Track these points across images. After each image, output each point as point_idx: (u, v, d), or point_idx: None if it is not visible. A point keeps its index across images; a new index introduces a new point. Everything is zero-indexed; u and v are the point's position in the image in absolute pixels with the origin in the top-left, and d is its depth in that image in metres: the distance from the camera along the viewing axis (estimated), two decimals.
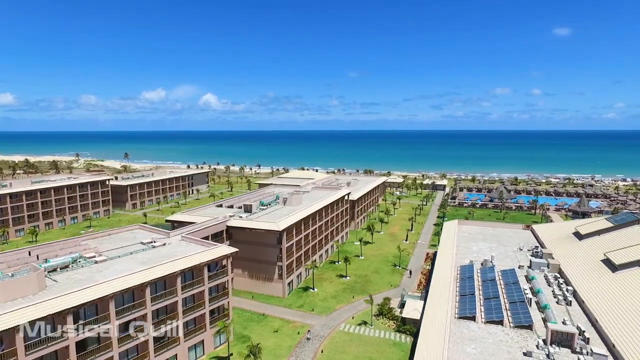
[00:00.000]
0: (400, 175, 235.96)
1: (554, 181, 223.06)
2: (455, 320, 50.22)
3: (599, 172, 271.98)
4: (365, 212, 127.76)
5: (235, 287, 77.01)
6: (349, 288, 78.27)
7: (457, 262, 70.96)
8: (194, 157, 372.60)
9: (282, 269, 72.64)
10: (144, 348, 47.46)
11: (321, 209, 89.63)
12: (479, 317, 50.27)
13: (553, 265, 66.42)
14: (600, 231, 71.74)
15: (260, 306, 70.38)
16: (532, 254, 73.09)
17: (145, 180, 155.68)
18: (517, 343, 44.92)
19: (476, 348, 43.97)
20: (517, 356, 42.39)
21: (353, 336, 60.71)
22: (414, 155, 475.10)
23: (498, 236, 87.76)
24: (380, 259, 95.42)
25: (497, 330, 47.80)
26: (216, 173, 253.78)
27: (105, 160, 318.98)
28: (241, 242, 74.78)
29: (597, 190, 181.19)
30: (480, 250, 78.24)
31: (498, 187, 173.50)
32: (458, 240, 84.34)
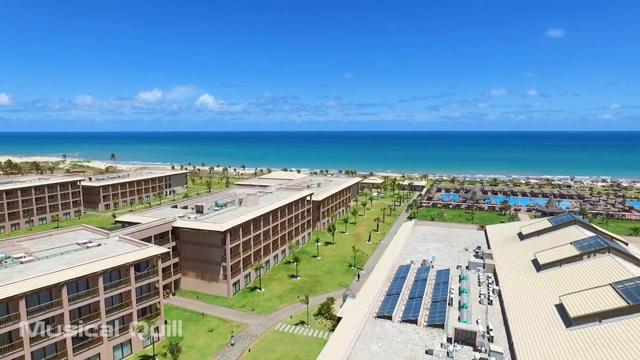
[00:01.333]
0: (381, 176, 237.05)
1: (533, 182, 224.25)
2: (373, 319, 51.07)
3: (585, 173, 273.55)
4: (334, 212, 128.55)
5: (182, 287, 77.92)
6: (296, 288, 79.07)
7: (399, 263, 71.86)
8: (183, 158, 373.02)
9: (226, 270, 73.44)
10: (62, 347, 48.23)
11: (275, 209, 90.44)
12: (396, 317, 51.13)
13: (488, 266, 67.34)
14: (539, 232, 72.72)
15: (202, 306, 71.15)
16: (474, 255, 74.08)
17: (120, 181, 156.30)
18: (424, 342, 45.79)
19: (382, 347, 44.83)
20: (419, 354, 43.27)
21: (286, 335, 61.52)
22: (407, 156, 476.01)
23: (450, 237, 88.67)
24: (337, 260, 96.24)
25: (410, 329, 48.66)
26: (200, 174, 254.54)
27: (92, 161, 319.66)
28: (187, 243, 75.81)
29: (571, 191, 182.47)
30: (426, 251, 79.10)
31: (472, 188, 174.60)
32: (409, 240, 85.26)
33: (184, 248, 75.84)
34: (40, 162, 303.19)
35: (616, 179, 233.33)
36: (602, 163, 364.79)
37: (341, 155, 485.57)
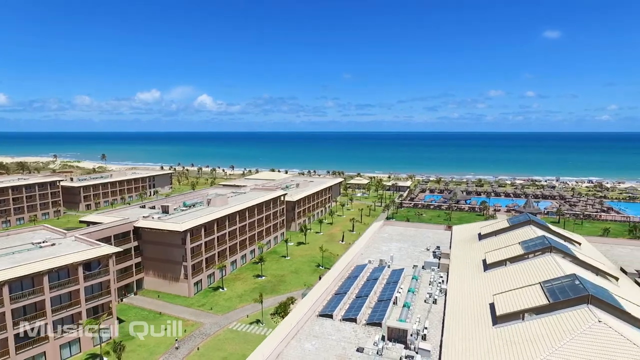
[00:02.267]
0: (368, 176, 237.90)
1: (518, 182, 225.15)
2: (314, 318, 51.75)
3: (574, 174, 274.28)
4: (309, 213, 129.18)
5: (145, 287, 78.58)
6: (259, 288, 79.72)
7: (357, 262, 72.57)
8: (176, 158, 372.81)
9: (187, 269, 74.13)
10: (4, 345, 48.86)
11: (243, 210, 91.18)
12: (337, 315, 51.85)
13: (443, 265, 68.03)
14: (497, 232, 73.42)
15: (162, 305, 71.81)
16: (432, 254, 74.81)
17: (101, 181, 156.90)
18: (359, 340, 46.50)
19: (315, 344, 45.52)
20: (350, 352, 44.00)
21: (239, 334, 62.24)
22: (402, 157, 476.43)
23: (416, 237, 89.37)
24: (306, 260, 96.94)
25: (349, 327, 49.36)
26: (188, 174, 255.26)
27: (82, 162, 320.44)
28: (150, 243, 76.50)
29: (554, 192, 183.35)
30: (388, 251, 79.75)
31: (454, 189, 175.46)
32: (373, 240, 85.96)
33: (146, 248, 76.51)
34: (30, 162, 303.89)
35: (601, 180, 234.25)
36: (592, 164, 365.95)
37: (337, 156, 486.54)
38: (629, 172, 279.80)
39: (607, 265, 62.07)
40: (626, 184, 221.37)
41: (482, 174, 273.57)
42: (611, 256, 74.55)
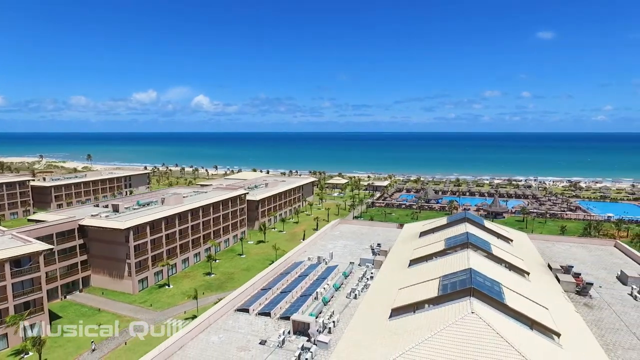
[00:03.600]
0: (349, 176, 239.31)
1: (496, 182, 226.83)
2: (231, 312, 53.08)
3: (558, 174, 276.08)
4: (273, 212, 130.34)
5: (92, 284, 79.75)
6: (205, 285, 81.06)
7: (296, 259, 73.88)
8: (167, 159, 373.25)
9: (131, 267, 75.35)
10: None
11: (196, 208, 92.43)
12: (254, 310, 53.16)
13: (377, 262, 69.29)
14: (435, 229, 74.66)
15: (104, 302, 73.00)
16: (372, 252, 76.17)
17: (74, 181, 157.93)
18: (267, 333, 47.77)
19: (222, 337, 46.73)
20: (253, 344, 45.28)
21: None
22: (393, 157, 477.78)
23: (366, 235, 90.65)
24: (261, 258, 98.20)
25: (261, 321, 50.61)
26: (172, 174, 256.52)
27: (67, 162, 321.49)
28: (96, 241, 77.69)
29: (527, 192, 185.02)
30: (333, 248, 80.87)
31: (427, 188, 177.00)
32: (321, 238, 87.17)
33: (92, 246, 77.71)
34: (16, 162, 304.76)
35: (580, 180, 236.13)
36: (579, 164, 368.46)
37: (329, 156, 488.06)
38: (613, 172, 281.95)
39: (530, 261, 63.46)
40: (604, 183, 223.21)
41: (467, 174, 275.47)
42: (549, 253, 76.10)
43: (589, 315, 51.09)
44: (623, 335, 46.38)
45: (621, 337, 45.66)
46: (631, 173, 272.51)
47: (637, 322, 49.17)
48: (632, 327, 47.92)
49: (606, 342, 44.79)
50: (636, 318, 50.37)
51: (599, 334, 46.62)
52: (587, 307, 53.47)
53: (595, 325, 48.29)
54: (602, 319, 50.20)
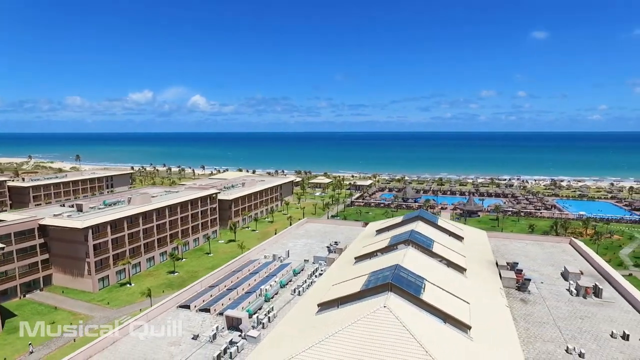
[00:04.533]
0: (334, 176, 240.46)
1: (479, 181, 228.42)
2: (174, 309, 54.20)
3: (543, 173, 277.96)
4: (246, 212, 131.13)
5: (54, 283, 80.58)
6: (166, 283, 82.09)
7: (253, 257, 75.00)
8: (159, 159, 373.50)
9: (90, 265, 76.27)
10: None
11: (162, 207, 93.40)
12: (195, 306, 54.28)
13: (329, 260, 70.41)
14: (389, 227, 75.72)
15: (63, 300, 73.84)
16: (327, 250, 77.35)
17: (53, 181, 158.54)
18: (202, 328, 48.88)
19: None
20: (185, 339, 46.37)
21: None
22: (385, 157, 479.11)
23: (330, 233, 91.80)
24: (228, 257, 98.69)
25: (200, 317, 51.71)
26: (158, 174, 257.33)
27: (55, 162, 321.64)
28: (57, 240, 78.52)
29: (506, 191, 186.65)
30: (293, 246, 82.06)
31: (405, 187, 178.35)
32: (284, 236, 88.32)
33: (53, 245, 78.56)
34: (4, 163, 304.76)
35: (562, 179, 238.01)
36: (565, 163, 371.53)
37: (322, 156, 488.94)
38: (600, 171, 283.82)
39: (476, 258, 64.69)
40: (586, 182, 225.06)
41: (453, 173, 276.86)
42: (504, 250, 77.52)
43: (521, 310, 52.41)
44: (547, 328, 47.71)
45: (544, 330, 46.97)
46: (617, 172, 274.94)
47: (565, 316, 50.54)
48: (558, 321, 49.24)
49: (528, 334, 46.10)
50: (565, 312, 51.75)
51: (525, 327, 47.95)
52: (523, 302, 54.80)
53: (524, 319, 49.59)
54: (533, 313, 51.52)
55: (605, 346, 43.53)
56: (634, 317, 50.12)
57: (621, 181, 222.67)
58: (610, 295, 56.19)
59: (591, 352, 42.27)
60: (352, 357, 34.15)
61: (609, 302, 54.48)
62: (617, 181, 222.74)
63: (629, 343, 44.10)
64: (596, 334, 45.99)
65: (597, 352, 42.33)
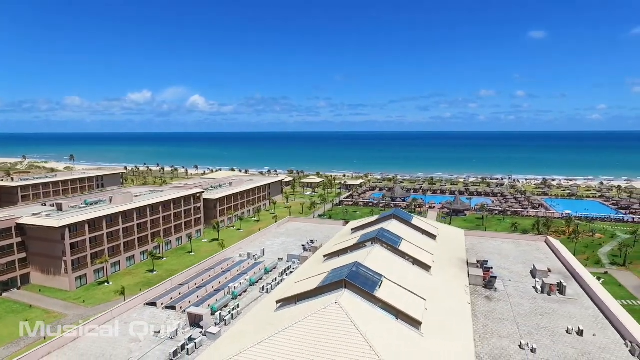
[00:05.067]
0: (326, 175, 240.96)
1: (470, 181, 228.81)
2: (141, 306, 54.66)
3: (536, 172, 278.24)
4: (238, 210, 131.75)
5: (32, 282, 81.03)
6: (144, 282, 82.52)
7: (229, 255, 75.49)
8: (155, 159, 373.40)
9: (67, 264, 76.73)
10: None
11: (143, 206, 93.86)
12: (162, 303, 54.73)
13: (303, 258, 70.89)
14: (364, 226, 76.05)
15: (38, 299, 74.24)
16: (303, 248, 77.78)
17: (43, 181, 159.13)
18: (165, 325, 49.34)
19: (119, 330, 48.20)
20: (147, 336, 46.80)
21: None
22: (380, 156, 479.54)
23: (310, 232, 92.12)
24: (210, 255, 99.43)
25: (165, 314, 52.10)
26: (152, 174, 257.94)
27: (49, 162, 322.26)
28: (34, 239, 78.98)
29: (495, 190, 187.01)
30: (272, 245, 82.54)
31: (394, 187, 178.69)
32: (265, 235, 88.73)
33: (31, 244, 79.01)
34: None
35: (554, 178, 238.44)
36: (558, 163, 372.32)
37: (320, 155, 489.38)
38: (595, 171, 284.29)
39: (447, 256, 65.15)
40: (577, 181, 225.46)
41: (447, 173, 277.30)
42: (479, 248, 77.77)
43: (484, 307, 52.79)
44: (506, 324, 48.07)
45: (503, 327, 47.32)
46: (611, 171, 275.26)
47: (526, 313, 50.94)
48: (518, 317, 49.61)
49: (486, 331, 46.43)
50: (527, 309, 52.14)
51: (484, 323, 48.31)
52: (487, 299, 55.15)
53: (485, 316, 49.94)
54: (495, 309, 51.89)
55: (559, 342, 43.92)
56: (593, 313, 50.55)
57: (612, 180, 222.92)
58: (574, 293, 56.60)
59: (544, 348, 42.67)
60: (299, 353, 34.64)
61: (571, 299, 54.94)
62: (609, 180, 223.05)
63: (582, 339, 44.52)
64: (553, 330, 46.41)
65: (550, 348, 42.72)
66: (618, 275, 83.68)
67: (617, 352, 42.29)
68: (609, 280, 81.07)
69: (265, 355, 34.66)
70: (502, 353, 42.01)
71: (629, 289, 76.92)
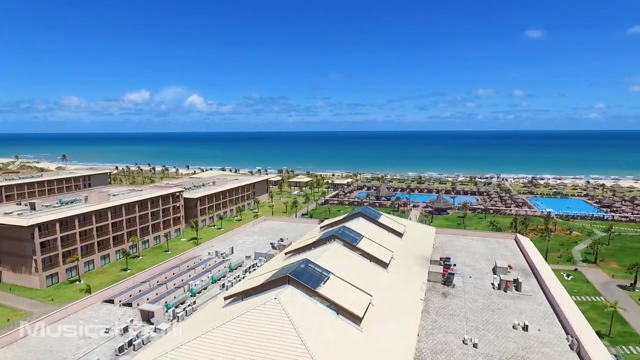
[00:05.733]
0: (315, 174, 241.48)
1: (459, 179, 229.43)
2: (98, 304, 55.12)
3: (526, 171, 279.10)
4: (220, 209, 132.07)
5: (3, 281, 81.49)
6: (115, 281, 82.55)
7: (197, 253, 75.99)
8: (150, 159, 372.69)
9: (37, 263, 77.17)
10: None
11: (119, 205, 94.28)
12: (119, 300, 55.22)
13: (269, 256, 71.40)
14: (332, 224, 76.61)
15: (7, 297, 74.57)
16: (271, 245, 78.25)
17: (27, 180, 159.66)
18: (119, 322, 49.79)
19: (72, 326, 48.34)
20: (98, 333, 47.26)
21: None
22: (379, 156, 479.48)
23: (283, 231, 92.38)
24: None
25: (120, 311, 52.38)
26: (143, 174, 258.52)
27: (41, 162, 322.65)
28: (5, 238, 79.43)
29: (481, 188, 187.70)
30: (243, 243, 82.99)
31: (379, 186, 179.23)
32: (238, 233, 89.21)
33: (2, 243, 79.45)
34: None
35: (542, 176, 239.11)
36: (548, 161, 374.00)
37: (315, 155, 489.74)
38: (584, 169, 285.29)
39: (409, 253, 65.63)
40: (565, 180, 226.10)
41: (438, 172, 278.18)
42: (448, 246, 78.23)
43: (438, 303, 53.28)
44: (456, 320, 48.56)
45: (451, 322, 47.79)
46: (601, 170, 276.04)
47: (478, 309, 51.44)
48: (469, 313, 50.13)
49: (434, 326, 46.89)
50: (480, 305, 52.63)
51: (434, 319, 48.81)
52: (443, 295, 55.64)
53: (436, 312, 50.42)
54: (449, 305, 52.36)
55: (503, 337, 44.41)
56: (544, 309, 51.02)
57: (601, 179, 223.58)
58: (530, 289, 57.11)
59: (487, 342, 43.15)
60: (232, 349, 35.04)
61: (526, 295, 55.48)
62: (597, 179, 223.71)
63: (527, 334, 45.03)
64: (500, 325, 46.89)
65: (493, 342, 43.20)
66: (588, 272, 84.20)
67: (558, 346, 42.82)
68: (577, 277, 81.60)
69: (197, 352, 35.01)
70: (444, 348, 42.50)
71: (596, 286, 77.45)
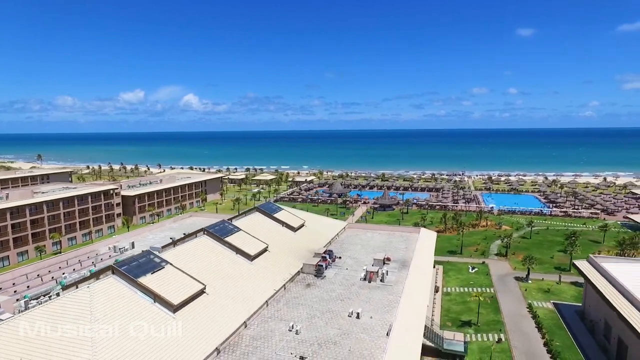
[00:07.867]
0: (282, 172, 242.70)
1: (424, 176, 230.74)
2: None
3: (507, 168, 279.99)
4: (161, 207, 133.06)
5: None
6: None
7: (99, 248, 77.26)
8: (136, 159, 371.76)
9: None
10: None
11: (39, 202, 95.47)
12: None
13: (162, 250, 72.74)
14: (232, 218, 78.24)
15: None
16: None
17: None
18: None
19: None
20: None
21: None
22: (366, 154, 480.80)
23: (203, 226, 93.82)
24: None
25: None
26: (114, 173, 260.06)
27: (15, 162, 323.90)
28: None
29: (437, 185, 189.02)
30: (152, 238, 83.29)
31: (333, 182, 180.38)
32: (152, 229, 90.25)
33: None
34: None
35: (509, 173, 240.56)
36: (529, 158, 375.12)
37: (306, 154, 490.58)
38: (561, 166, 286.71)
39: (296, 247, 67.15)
40: (526, 177, 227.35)
41: (407, 169, 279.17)
42: (351, 240, 79.81)
43: (297, 293, 54.92)
44: (298, 309, 50.18)
45: (291, 311, 49.50)
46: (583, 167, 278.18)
47: (330, 298, 53.01)
48: (317, 303, 51.85)
49: (272, 314, 48.61)
50: (334, 295, 54.25)
51: (277, 308, 50.34)
52: (307, 286, 57.19)
53: (286, 302, 51.99)
54: (303, 295, 53.84)
55: (332, 324, 46.02)
56: (393, 298, 52.47)
57: (562, 175, 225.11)
58: (396, 280, 58.49)
59: (313, 329, 44.70)
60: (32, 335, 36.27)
61: (387, 286, 56.95)
62: (559, 175, 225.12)
63: (358, 321, 46.70)
64: (337, 314, 48.37)
65: (318, 329, 44.75)
66: (494, 265, 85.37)
67: (377, 332, 44.26)
68: (481, 270, 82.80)
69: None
70: (267, 334, 43.83)
71: (494, 278, 78.65)
